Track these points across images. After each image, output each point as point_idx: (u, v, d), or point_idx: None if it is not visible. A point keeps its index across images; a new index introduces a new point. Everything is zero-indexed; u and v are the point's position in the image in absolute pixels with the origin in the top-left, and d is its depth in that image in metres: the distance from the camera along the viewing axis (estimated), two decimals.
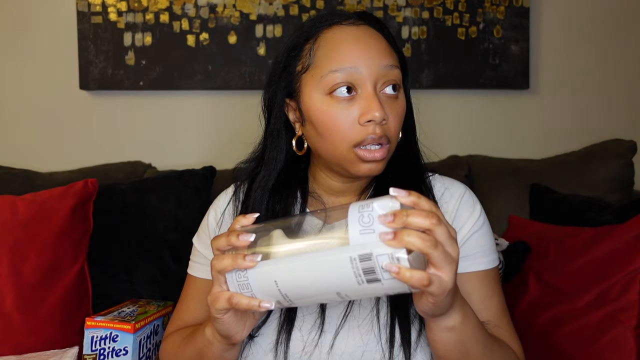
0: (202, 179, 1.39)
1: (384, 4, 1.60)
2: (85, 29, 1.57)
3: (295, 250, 0.57)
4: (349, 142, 0.70)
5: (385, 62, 0.71)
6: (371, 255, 0.51)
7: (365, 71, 0.69)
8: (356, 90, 0.70)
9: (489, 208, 1.43)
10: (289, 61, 0.75)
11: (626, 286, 0.94)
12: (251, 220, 0.62)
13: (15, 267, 1.13)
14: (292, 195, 0.79)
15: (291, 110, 0.77)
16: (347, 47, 0.70)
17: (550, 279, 1.07)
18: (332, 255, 0.53)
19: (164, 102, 1.64)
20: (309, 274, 0.55)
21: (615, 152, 1.45)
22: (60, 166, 1.55)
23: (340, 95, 0.69)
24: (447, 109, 1.66)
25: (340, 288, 0.55)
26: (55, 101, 1.63)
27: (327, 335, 0.71)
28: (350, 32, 0.72)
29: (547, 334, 1.02)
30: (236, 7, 1.58)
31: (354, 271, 0.52)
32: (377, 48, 0.71)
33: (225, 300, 0.60)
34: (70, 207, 1.20)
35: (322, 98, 0.70)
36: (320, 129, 0.71)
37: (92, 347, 0.98)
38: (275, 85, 0.77)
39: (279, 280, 0.57)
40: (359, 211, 0.52)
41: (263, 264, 0.57)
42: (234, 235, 0.58)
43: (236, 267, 0.58)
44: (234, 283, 0.59)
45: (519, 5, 1.62)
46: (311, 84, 0.72)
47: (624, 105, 1.71)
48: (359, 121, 0.69)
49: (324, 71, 0.70)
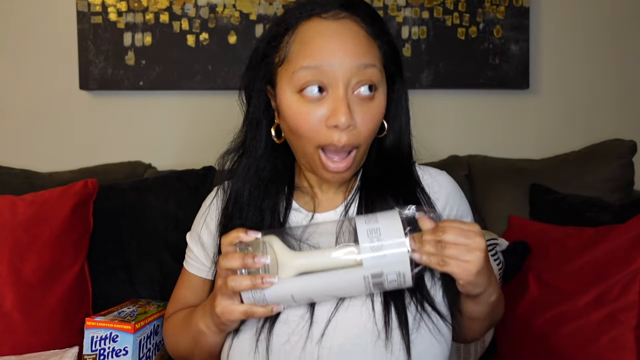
0: (202, 179, 1.39)
1: (384, 4, 1.60)
2: (85, 29, 1.57)
3: (308, 266, 0.62)
4: (315, 142, 0.69)
5: (361, 60, 0.67)
6: (382, 273, 0.60)
7: (337, 70, 0.66)
8: (327, 90, 0.68)
9: (489, 208, 1.45)
10: (268, 51, 0.72)
11: (626, 286, 0.94)
12: (252, 238, 0.64)
13: (15, 267, 1.13)
14: (279, 188, 0.78)
15: (272, 97, 0.76)
16: (320, 43, 0.67)
17: (550, 279, 1.07)
18: (348, 275, 0.61)
19: (164, 102, 1.64)
20: (324, 289, 0.63)
21: (615, 152, 1.45)
22: (60, 166, 1.55)
23: (310, 94, 0.67)
24: (447, 109, 1.66)
25: (348, 295, 0.66)
26: (55, 101, 1.63)
27: (316, 326, 0.70)
28: (327, 26, 0.68)
29: (547, 334, 1.02)
30: (236, 7, 1.58)
31: (365, 285, 0.61)
32: (354, 45, 0.67)
33: (241, 313, 0.65)
34: (70, 207, 1.20)
35: (292, 96, 0.69)
36: (291, 126, 0.70)
37: (92, 347, 0.98)
38: (254, 73, 0.75)
39: (295, 294, 0.63)
40: (368, 235, 0.60)
41: (281, 282, 0.62)
42: (249, 258, 0.62)
43: (255, 288, 0.62)
44: (249, 297, 0.63)
45: (519, 5, 1.62)
46: (285, 78, 0.70)
47: (624, 105, 1.71)
48: (325, 123, 0.68)
49: (295, 67, 0.68)
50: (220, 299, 0.65)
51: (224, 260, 0.63)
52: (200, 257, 0.85)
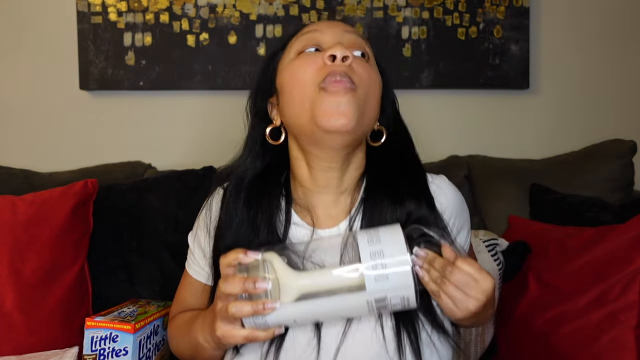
0: (202, 179, 1.38)
1: (384, 4, 1.60)
2: (85, 29, 1.57)
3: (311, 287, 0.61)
4: (315, 82, 0.70)
5: (350, 30, 0.77)
6: (385, 298, 0.59)
7: (330, 32, 0.75)
8: (323, 48, 0.74)
9: (489, 208, 1.45)
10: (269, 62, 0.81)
11: (626, 286, 0.94)
12: (251, 259, 0.62)
13: (15, 267, 1.13)
14: (276, 201, 0.77)
15: (272, 107, 0.81)
16: (315, 24, 0.78)
17: (550, 279, 1.07)
18: (350, 300, 0.60)
19: (164, 102, 1.63)
20: (327, 314, 0.63)
21: (615, 152, 1.45)
22: (60, 166, 1.55)
23: (308, 52, 0.74)
24: (447, 109, 1.66)
25: (350, 316, 0.65)
26: (55, 101, 1.62)
27: (324, 352, 0.68)
28: (320, 21, 0.84)
29: (547, 334, 1.02)
30: (236, 7, 1.58)
31: (369, 308, 0.60)
32: (345, 26, 0.78)
33: (242, 338, 0.64)
34: (70, 207, 1.20)
35: (291, 60, 0.75)
36: (289, 85, 0.73)
37: (92, 347, 0.98)
38: (258, 87, 0.82)
39: (297, 318, 0.62)
40: (372, 258, 0.59)
41: (283, 307, 0.60)
42: (249, 283, 0.60)
43: (256, 314, 0.61)
44: (250, 322, 0.62)
45: (519, 5, 1.62)
46: (285, 60, 0.77)
47: (624, 105, 1.71)
48: (323, 61, 0.71)
49: (293, 43, 0.77)
50: (220, 323, 0.64)
51: (224, 285, 0.62)
52: (199, 261, 0.86)
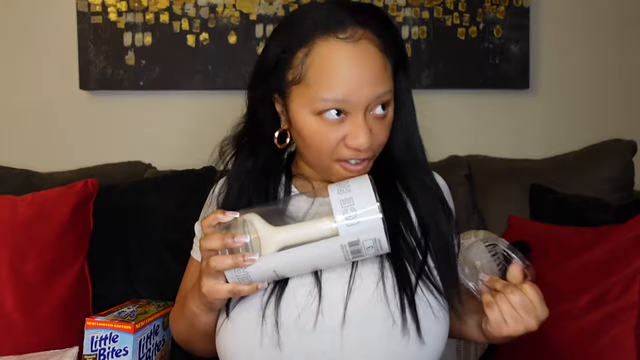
0: (202, 179, 1.38)
1: (384, 4, 1.60)
2: (85, 28, 1.57)
3: (288, 240, 0.64)
4: (334, 158, 0.72)
5: (379, 90, 0.69)
6: (358, 241, 0.62)
7: (357, 101, 0.68)
8: (346, 114, 0.69)
9: (489, 208, 1.45)
10: (279, 63, 0.71)
11: (626, 286, 0.94)
12: (230, 218, 0.65)
13: (15, 267, 1.13)
14: (277, 180, 0.81)
15: (278, 104, 0.76)
16: (341, 74, 0.67)
17: (550, 279, 1.07)
18: (326, 246, 0.62)
19: (164, 102, 1.63)
20: (305, 261, 0.65)
21: (615, 152, 1.45)
22: (60, 166, 1.55)
23: (330, 117, 0.69)
24: (447, 109, 1.66)
25: (329, 265, 0.67)
26: (55, 101, 1.62)
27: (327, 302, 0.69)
28: (346, 52, 0.67)
29: (547, 334, 1.02)
30: (236, 7, 1.58)
31: (344, 254, 0.63)
32: (373, 75, 0.68)
33: (227, 292, 0.65)
34: (70, 207, 1.20)
35: (310, 117, 0.70)
36: (308, 143, 0.72)
37: (92, 348, 0.98)
38: (264, 82, 0.75)
39: (277, 269, 0.64)
40: (342, 206, 0.61)
41: (262, 258, 0.63)
42: (229, 237, 0.63)
43: (237, 267, 0.63)
44: (233, 276, 0.64)
45: (519, 5, 1.62)
46: (300, 99, 0.70)
47: (624, 105, 1.71)
48: (345, 143, 0.70)
49: (315, 95, 0.68)
50: (205, 280, 0.66)
51: (204, 242, 0.64)
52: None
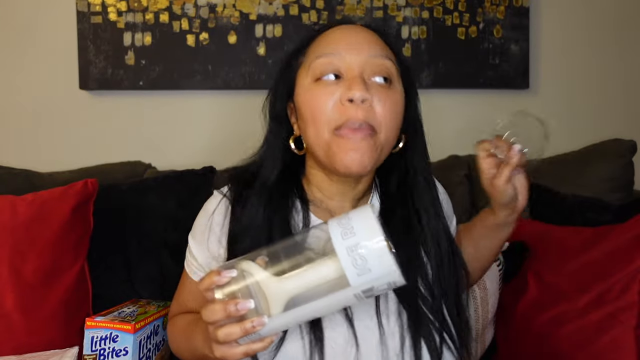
0: (202, 179, 1.39)
1: (383, 4, 1.60)
2: (85, 28, 1.57)
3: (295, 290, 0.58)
4: (331, 124, 0.70)
5: (373, 51, 0.71)
6: (372, 288, 0.57)
7: (351, 58, 0.70)
8: (342, 76, 0.71)
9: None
10: (289, 62, 0.77)
11: (626, 286, 0.94)
12: (227, 279, 0.58)
13: (15, 267, 1.13)
14: (290, 202, 0.78)
15: (291, 110, 0.78)
16: (335, 36, 0.73)
17: (550, 279, 1.07)
18: (338, 298, 0.57)
19: (164, 102, 1.63)
20: (316, 313, 0.60)
21: (615, 152, 1.45)
22: (60, 166, 1.55)
23: (327, 79, 0.71)
24: (447, 109, 1.66)
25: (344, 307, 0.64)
26: (55, 101, 1.62)
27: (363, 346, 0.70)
28: (345, 27, 0.75)
29: (547, 334, 1.02)
30: (236, 7, 1.58)
31: (357, 300, 0.58)
32: (367, 38, 0.72)
33: (241, 354, 0.61)
34: (70, 207, 1.20)
35: (309, 84, 0.72)
36: (305, 114, 0.72)
37: (92, 348, 0.98)
38: (276, 89, 0.78)
39: (290, 325, 0.61)
40: (349, 255, 0.55)
41: (271, 320, 0.58)
42: (231, 306, 0.57)
43: (247, 334, 0.58)
44: (245, 339, 0.59)
45: (519, 5, 1.62)
46: (303, 75, 0.74)
47: (624, 105, 1.71)
48: (340, 101, 0.69)
49: (312, 58, 0.73)
50: (216, 346, 0.61)
51: (206, 315, 0.58)
52: (203, 264, 0.82)
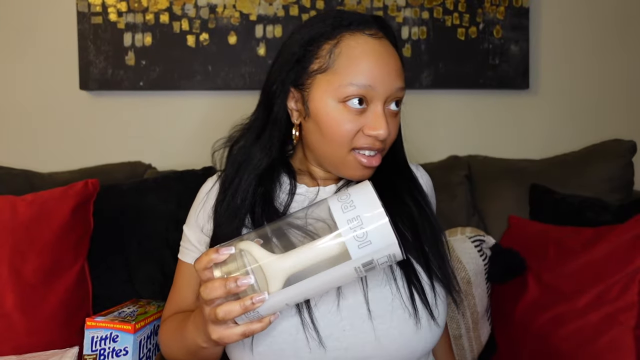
0: (202, 179, 1.37)
1: (383, 4, 1.60)
2: (85, 29, 1.57)
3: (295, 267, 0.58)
4: (351, 146, 0.74)
5: (399, 84, 0.74)
6: (372, 260, 0.57)
7: (381, 90, 0.73)
8: (367, 104, 0.73)
9: (489, 208, 1.45)
10: (304, 55, 0.75)
11: (625, 287, 0.94)
12: (225, 256, 0.59)
13: (16, 267, 1.13)
14: (278, 177, 0.82)
15: (292, 99, 0.78)
16: (369, 63, 0.72)
17: (550, 279, 1.07)
18: (339, 271, 0.58)
19: (164, 103, 1.64)
20: (317, 289, 0.60)
21: (615, 152, 1.45)
22: (60, 166, 1.55)
23: (352, 106, 0.72)
24: (447, 109, 1.66)
25: (340, 285, 0.64)
26: (55, 101, 1.63)
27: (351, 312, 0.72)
28: (372, 46, 0.73)
29: (547, 334, 1.02)
30: (236, 7, 1.58)
31: (357, 274, 0.59)
32: (394, 69, 0.74)
33: (239, 336, 0.61)
34: (70, 207, 1.20)
35: (334, 104, 0.73)
36: (326, 131, 0.74)
37: (93, 348, 0.98)
38: (285, 75, 0.77)
39: (289, 302, 0.60)
40: (350, 227, 0.56)
41: (271, 296, 0.58)
42: (231, 282, 0.57)
43: (247, 312, 0.58)
44: (243, 318, 0.59)
45: (519, 6, 1.62)
46: (325, 87, 0.73)
47: (624, 105, 1.71)
48: (363, 131, 0.73)
49: (342, 81, 0.72)
50: (213, 327, 0.62)
51: (205, 292, 0.58)
52: (198, 245, 0.84)
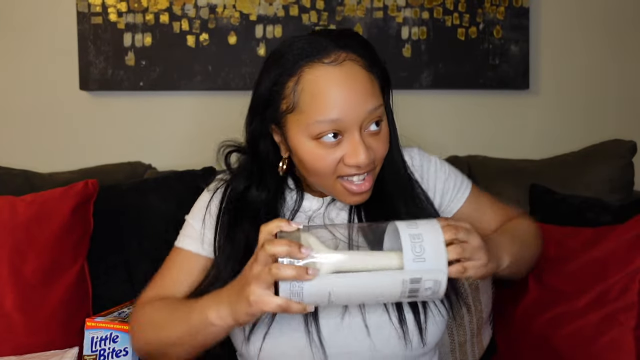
0: (202, 179, 1.38)
1: (383, 5, 1.60)
2: (85, 29, 1.57)
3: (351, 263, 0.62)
4: (335, 175, 0.74)
5: (370, 106, 0.71)
6: (421, 279, 0.60)
7: (351, 119, 0.71)
8: (342, 135, 0.72)
9: None
10: (272, 95, 0.75)
11: (626, 287, 0.94)
12: (294, 228, 0.63)
13: (15, 267, 1.13)
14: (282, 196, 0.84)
15: (276, 134, 0.79)
16: (332, 95, 0.70)
17: (550, 279, 1.07)
18: (387, 276, 0.61)
19: (164, 103, 1.64)
20: (363, 289, 0.62)
21: (615, 152, 1.45)
22: (60, 166, 1.55)
23: (327, 140, 0.72)
24: (447, 109, 1.66)
25: (382, 299, 0.65)
26: (55, 101, 1.63)
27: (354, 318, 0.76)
28: (333, 75, 0.70)
29: (547, 334, 1.02)
30: (236, 7, 1.58)
31: (402, 289, 0.61)
32: (362, 92, 0.71)
33: (277, 306, 0.62)
34: (70, 207, 1.20)
35: (308, 142, 0.73)
36: (308, 167, 0.75)
37: (92, 348, 0.98)
38: (261, 116, 0.78)
39: (332, 292, 0.62)
40: (411, 241, 0.60)
41: (321, 276, 0.61)
42: (295, 246, 0.60)
43: (298, 279, 0.60)
44: (287, 290, 0.61)
45: (519, 6, 1.62)
46: (297, 127, 0.73)
47: (624, 105, 1.71)
48: (344, 162, 0.72)
49: (309, 119, 0.71)
50: (255, 287, 0.63)
51: (269, 245, 0.61)
52: (202, 235, 0.85)
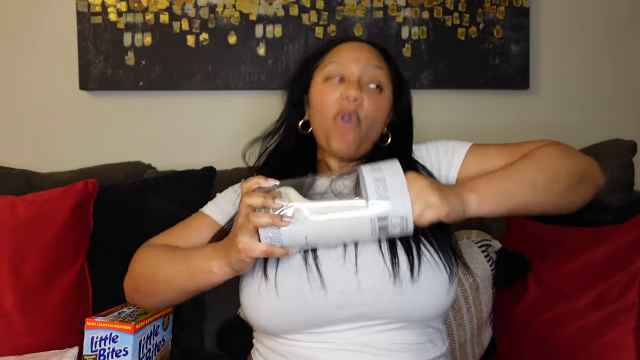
0: (202, 179, 1.39)
1: (384, 4, 1.60)
2: (85, 29, 1.57)
3: (322, 209, 0.69)
4: (332, 112, 0.92)
5: (371, 62, 0.94)
6: (387, 217, 0.67)
7: (353, 67, 0.93)
8: (345, 80, 0.93)
9: None
10: (310, 63, 1.00)
11: (626, 287, 0.94)
12: (270, 184, 0.71)
13: (15, 267, 1.13)
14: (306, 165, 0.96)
15: (306, 102, 1.00)
16: (345, 49, 0.97)
17: (550, 279, 1.07)
18: (356, 217, 0.68)
19: (163, 102, 1.64)
20: (336, 230, 0.69)
21: (615, 152, 1.45)
22: (60, 166, 1.55)
23: (333, 81, 0.94)
24: (447, 109, 1.66)
25: (356, 238, 0.73)
26: (55, 101, 1.63)
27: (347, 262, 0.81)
28: (351, 44, 0.98)
29: (547, 334, 1.02)
30: (236, 7, 1.58)
31: (372, 227, 0.68)
32: (367, 53, 0.95)
33: (261, 251, 0.71)
34: (70, 207, 1.20)
35: (322, 82, 0.95)
36: (316, 104, 0.95)
37: (92, 348, 0.98)
38: (297, 83, 1.01)
39: (309, 235, 0.69)
40: (375, 183, 0.67)
41: (296, 222, 0.68)
42: (269, 198, 0.69)
43: (273, 225, 0.68)
44: (266, 236, 0.69)
45: (519, 5, 1.62)
46: (318, 74, 0.97)
47: (624, 105, 1.71)
48: (340, 96, 0.92)
49: (325, 62, 0.96)
50: (241, 236, 0.71)
51: (247, 197, 0.70)
52: (224, 209, 0.98)
